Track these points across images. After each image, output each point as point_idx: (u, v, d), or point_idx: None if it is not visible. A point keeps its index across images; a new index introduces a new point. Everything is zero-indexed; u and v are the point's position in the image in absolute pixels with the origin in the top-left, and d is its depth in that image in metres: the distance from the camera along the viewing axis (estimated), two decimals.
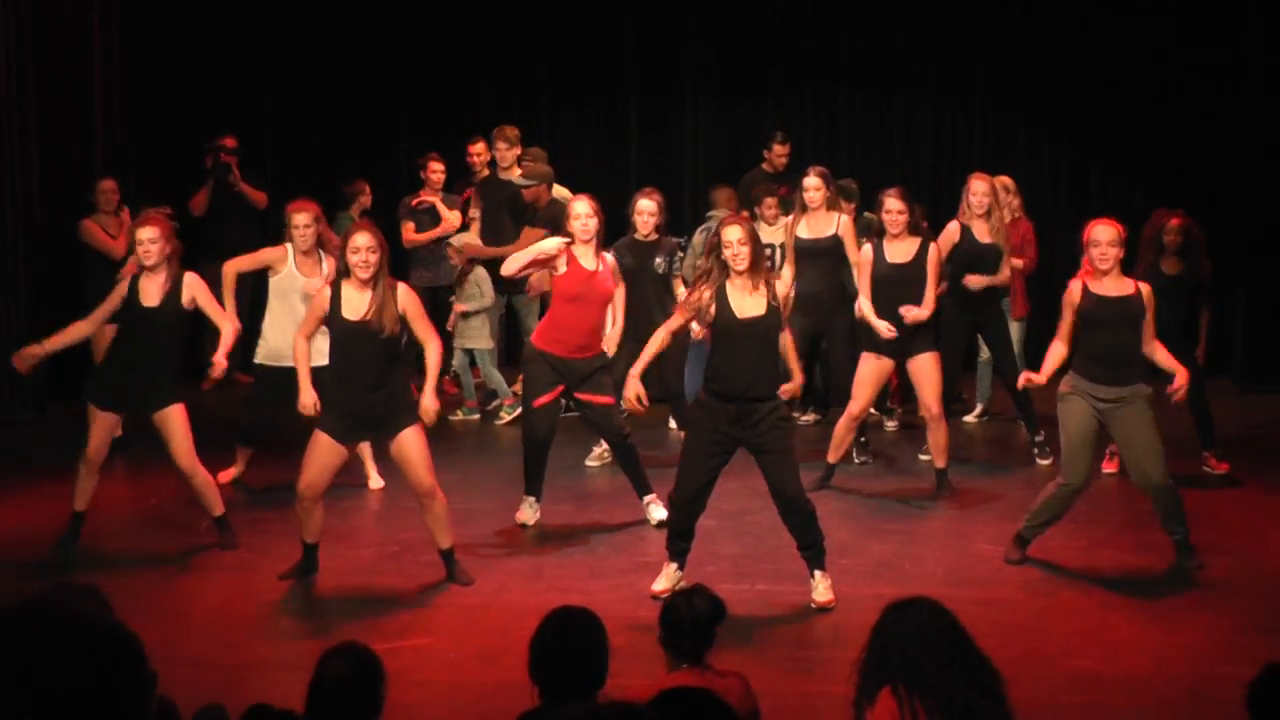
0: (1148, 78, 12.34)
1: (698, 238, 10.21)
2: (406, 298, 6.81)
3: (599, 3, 13.06)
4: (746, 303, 6.52)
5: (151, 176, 11.95)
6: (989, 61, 12.69)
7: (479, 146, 11.14)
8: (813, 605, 6.65)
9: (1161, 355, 7.16)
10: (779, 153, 11.63)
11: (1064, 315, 7.16)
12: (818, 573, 6.71)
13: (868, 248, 8.58)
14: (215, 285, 7.88)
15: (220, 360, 7.45)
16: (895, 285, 8.39)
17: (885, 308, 8.40)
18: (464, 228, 11.03)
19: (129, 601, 6.13)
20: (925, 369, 8.46)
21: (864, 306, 8.49)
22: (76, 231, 10.45)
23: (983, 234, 9.10)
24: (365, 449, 8.42)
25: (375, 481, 8.61)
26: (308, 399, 6.98)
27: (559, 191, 10.62)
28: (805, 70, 12.98)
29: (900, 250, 8.45)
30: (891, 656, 3.73)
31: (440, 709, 5.76)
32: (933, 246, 8.55)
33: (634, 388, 6.82)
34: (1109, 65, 12.41)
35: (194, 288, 7.37)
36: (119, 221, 10.39)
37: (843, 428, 8.61)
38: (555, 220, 8.86)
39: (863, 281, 8.56)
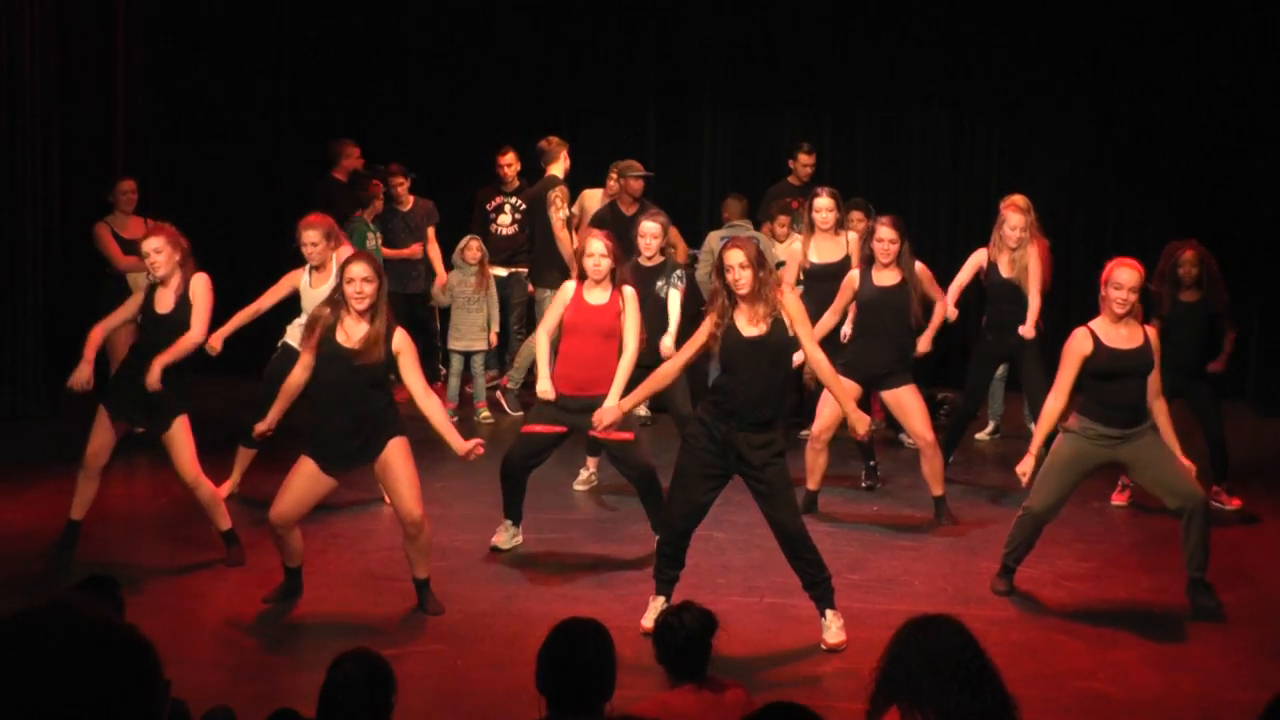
0: (1166, 94, 12.31)
1: (714, 243, 10.34)
2: (403, 342, 6.64)
3: (619, 13, 13.08)
4: (751, 323, 6.36)
5: (170, 175, 12.01)
6: (1006, 76, 12.66)
7: (509, 157, 11.30)
8: (823, 646, 6.42)
9: (1163, 418, 6.96)
10: (804, 163, 11.63)
11: (1067, 366, 6.86)
12: (829, 612, 6.46)
13: (854, 273, 8.48)
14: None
15: (162, 361, 7.23)
16: (881, 309, 8.29)
17: (869, 330, 8.33)
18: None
19: (138, 601, 6.16)
20: (905, 401, 8.33)
21: (824, 325, 8.35)
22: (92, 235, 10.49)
23: (1006, 268, 8.99)
24: None
25: None
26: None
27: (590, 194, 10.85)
28: (823, 82, 12.97)
29: (888, 276, 8.34)
30: (899, 673, 3.72)
31: (448, 716, 5.75)
32: (918, 271, 8.42)
33: (611, 416, 6.74)
34: (1127, 80, 12.39)
35: (196, 285, 7.31)
36: (139, 223, 10.41)
37: (810, 452, 8.46)
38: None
39: (838, 302, 8.44)
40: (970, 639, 3.74)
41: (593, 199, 11.27)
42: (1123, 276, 6.84)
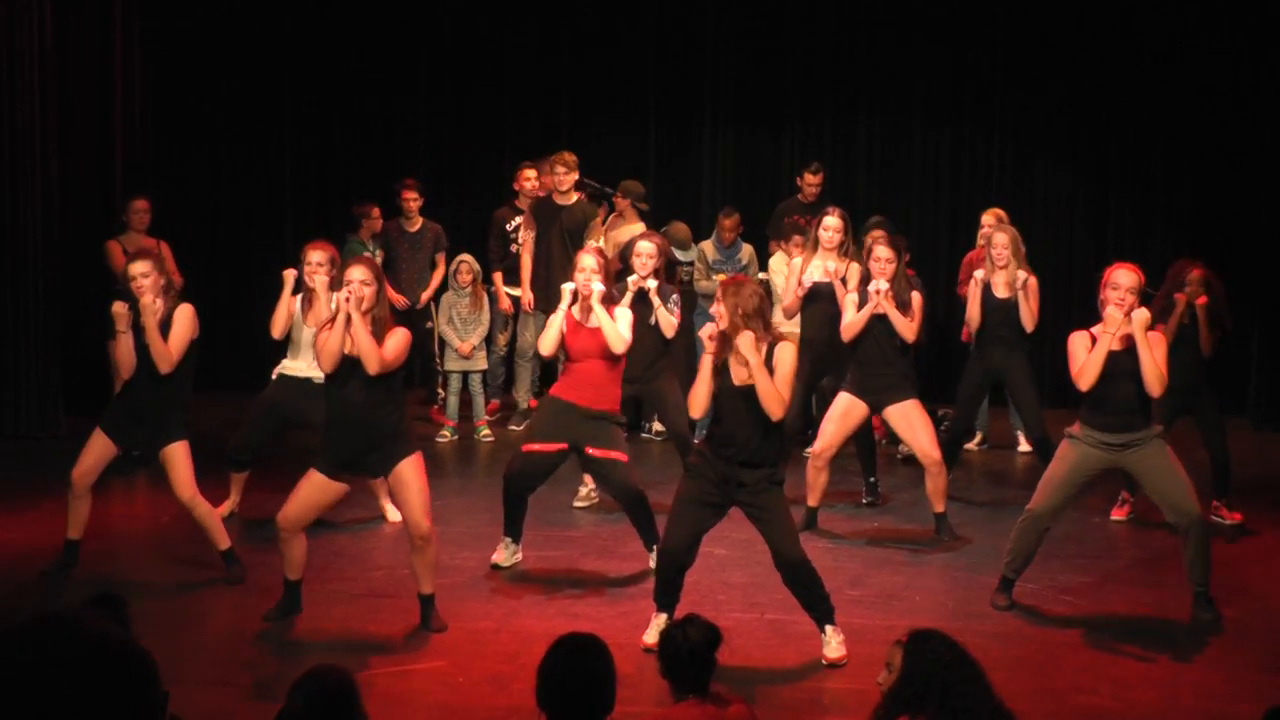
0: (1166, 109, 12.35)
1: (707, 248, 10.73)
2: (395, 334, 6.64)
3: (619, 28, 13.11)
4: (743, 369, 6.29)
5: (169, 192, 12.03)
6: (1008, 90, 12.70)
7: (531, 172, 11.28)
8: (824, 662, 6.40)
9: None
10: (810, 183, 11.53)
11: (1079, 353, 6.92)
12: (829, 628, 6.46)
13: (853, 294, 8.43)
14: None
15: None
16: (873, 328, 8.24)
17: (862, 351, 8.28)
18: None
19: (139, 619, 6.15)
20: (909, 417, 8.29)
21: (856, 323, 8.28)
22: (103, 252, 10.52)
23: (1000, 289, 8.96)
24: (380, 485, 8.38)
25: (393, 514, 8.46)
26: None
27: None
28: (824, 97, 13.00)
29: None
30: (905, 689, 3.73)
31: None
32: (916, 295, 8.40)
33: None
34: (1128, 95, 12.42)
35: (180, 314, 7.32)
36: (151, 243, 10.44)
37: (811, 469, 8.44)
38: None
39: (847, 313, 8.38)
40: (961, 653, 3.75)
41: (627, 231, 11.19)
42: (1121, 277, 6.90)
